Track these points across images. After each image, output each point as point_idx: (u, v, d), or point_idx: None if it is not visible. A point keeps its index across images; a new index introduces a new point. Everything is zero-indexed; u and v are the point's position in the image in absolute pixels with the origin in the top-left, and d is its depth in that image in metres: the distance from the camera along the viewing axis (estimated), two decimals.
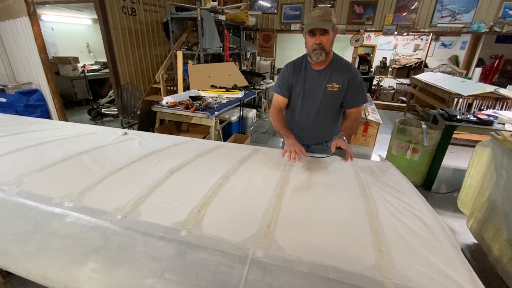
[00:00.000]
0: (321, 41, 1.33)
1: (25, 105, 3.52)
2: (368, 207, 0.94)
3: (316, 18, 1.29)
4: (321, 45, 1.33)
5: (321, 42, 1.33)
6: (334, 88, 1.46)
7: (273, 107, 1.61)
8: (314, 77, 1.48)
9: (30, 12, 3.13)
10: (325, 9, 1.30)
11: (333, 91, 1.47)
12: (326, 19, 1.28)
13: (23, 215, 0.87)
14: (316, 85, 1.49)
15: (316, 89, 1.49)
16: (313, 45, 1.34)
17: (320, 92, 1.49)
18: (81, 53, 6.73)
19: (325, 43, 1.33)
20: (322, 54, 1.36)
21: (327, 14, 1.29)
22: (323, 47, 1.34)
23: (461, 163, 3.47)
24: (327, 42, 1.34)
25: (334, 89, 1.46)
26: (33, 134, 1.62)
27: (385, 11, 5.61)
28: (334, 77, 1.45)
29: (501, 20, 5.08)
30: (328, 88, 1.47)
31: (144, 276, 0.67)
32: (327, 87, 1.47)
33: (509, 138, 1.78)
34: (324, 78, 1.46)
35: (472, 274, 0.68)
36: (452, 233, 0.84)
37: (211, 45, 4.09)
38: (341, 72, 1.45)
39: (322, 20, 1.28)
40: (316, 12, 1.29)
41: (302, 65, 1.51)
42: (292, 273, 0.67)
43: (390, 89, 7.47)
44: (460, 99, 3.81)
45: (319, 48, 1.34)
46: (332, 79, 1.45)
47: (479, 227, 1.97)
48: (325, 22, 1.28)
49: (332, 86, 1.46)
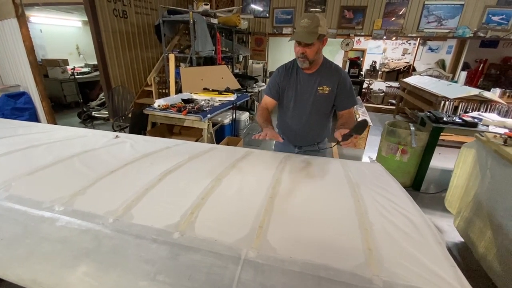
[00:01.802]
0: (304, 51, 1.38)
1: (12, 108, 3.44)
2: (358, 207, 0.97)
3: (302, 28, 1.32)
4: (304, 55, 1.39)
5: (304, 52, 1.38)
6: (324, 91, 1.50)
7: (260, 106, 1.67)
8: (305, 80, 1.52)
9: (19, 14, 3.08)
10: (314, 18, 1.32)
11: (323, 93, 1.50)
12: (312, 31, 1.31)
13: (12, 220, 0.85)
14: (307, 88, 1.52)
15: (307, 92, 1.53)
16: (298, 53, 1.41)
17: (311, 95, 1.52)
18: (70, 55, 6.63)
19: (308, 53, 1.38)
20: (306, 62, 1.42)
21: (314, 25, 1.31)
22: (306, 57, 1.39)
23: (448, 164, 3.56)
24: (311, 53, 1.39)
25: (325, 92, 1.50)
26: (21, 137, 1.59)
27: (374, 16, 5.74)
28: (324, 80, 1.49)
29: (484, 26, 5.27)
30: (319, 91, 1.50)
31: (136, 278, 0.67)
32: (318, 90, 1.50)
33: (493, 139, 1.84)
34: (315, 82, 1.50)
35: (456, 269, 0.71)
36: (437, 231, 0.87)
37: (203, 48, 4.10)
38: (331, 76, 1.49)
39: (308, 32, 1.32)
40: (305, 21, 1.32)
41: (294, 69, 1.55)
42: (284, 272, 0.68)
43: (380, 92, 7.62)
44: (447, 101, 3.92)
45: (303, 57, 1.40)
46: (322, 82, 1.49)
47: (465, 226, 2.03)
48: (310, 34, 1.32)
49: (323, 89, 1.50)
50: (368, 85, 7.75)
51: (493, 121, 2.67)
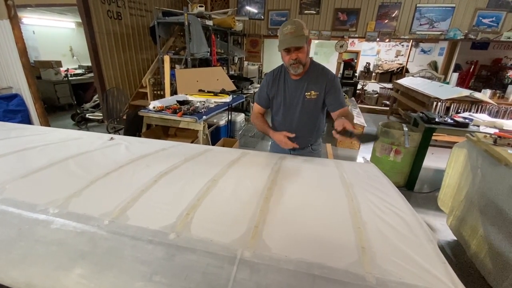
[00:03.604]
0: (296, 57, 1.37)
1: (4, 110, 3.40)
2: (351, 207, 0.98)
3: (289, 35, 1.30)
4: (297, 60, 1.38)
5: (297, 57, 1.37)
6: (312, 96, 1.50)
7: (253, 113, 1.72)
8: (293, 86, 1.53)
9: (11, 15, 3.05)
10: (297, 24, 1.31)
11: (311, 98, 1.51)
12: (298, 34, 1.30)
13: (6, 223, 0.85)
14: (295, 94, 1.53)
15: (295, 98, 1.54)
16: (290, 60, 1.39)
17: (299, 100, 1.53)
18: (64, 57, 6.56)
19: (300, 57, 1.37)
20: (300, 67, 1.41)
21: (299, 29, 1.30)
22: (299, 61, 1.38)
23: (441, 163, 3.62)
24: (303, 56, 1.37)
25: (312, 97, 1.50)
26: (14, 140, 1.58)
27: (368, 19, 5.82)
28: (311, 85, 1.49)
29: (475, 28, 5.38)
30: (307, 96, 1.51)
31: (132, 279, 0.67)
32: (306, 96, 1.50)
33: (483, 139, 1.89)
34: (303, 87, 1.50)
35: (446, 266, 0.73)
36: (429, 229, 0.89)
37: (198, 49, 4.11)
38: (318, 79, 1.49)
39: (295, 37, 1.30)
40: (288, 28, 1.30)
41: (281, 75, 1.55)
42: (279, 271, 0.69)
43: (374, 93, 7.70)
44: (439, 102, 3.99)
45: (296, 62, 1.38)
46: (310, 88, 1.49)
47: (458, 224, 2.07)
48: (298, 38, 1.31)
49: (310, 94, 1.50)
50: (362, 87, 7.84)
51: (483, 122, 2.73)
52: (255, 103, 1.69)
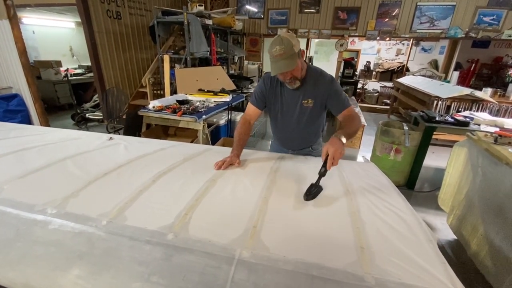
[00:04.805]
0: (291, 76, 1.32)
1: (4, 110, 3.39)
2: (350, 206, 0.98)
3: (279, 57, 1.23)
4: (293, 78, 1.33)
5: (291, 76, 1.32)
6: (309, 104, 1.45)
7: (243, 118, 1.56)
8: (289, 94, 1.48)
9: (11, 15, 3.05)
10: (285, 42, 1.21)
11: (309, 106, 1.46)
12: (288, 55, 1.22)
13: (4, 223, 0.84)
14: (292, 101, 1.48)
15: (292, 105, 1.49)
16: (286, 79, 1.35)
17: (296, 108, 1.48)
18: (64, 56, 6.56)
19: (296, 74, 1.32)
20: (297, 82, 1.37)
21: (288, 49, 1.21)
22: (295, 78, 1.34)
23: (441, 162, 3.61)
24: (297, 72, 1.32)
25: (309, 105, 1.46)
26: (13, 140, 1.58)
27: (368, 17, 5.79)
28: (309, 93, 1.44)
29: (476, 26, 5.35)
30: (304, 104, 1.46)
31: (130, 280, 0.67)
32: (303, 103, 1.46)
33: (484, 138, 1.88)
34: (299, 95, 1.45)
35: (446, 266, 0.72)
36: (428, 229, 0.88)
37: (198, 49, 4.10)
38: (316, 86, 1.42)
39: (285, 59, 1.23)
40: (277, 50, 1.22)
41: (278, 83, 1.49)
42: (277, 271, 0.69)
43: (374, 92, 7.68)
44: (439, 101, 3.97)
45: (291, 80, 1.35)
46: (307, 95, 1.44)
47: (458, 223, 2.06)
48: (288, 60, 1.24)
49: (308, 102, 1.45)
50: (363, 86, 7.82)
51: (484, 120, 2.72)
52: (249, 104, 1.57)
